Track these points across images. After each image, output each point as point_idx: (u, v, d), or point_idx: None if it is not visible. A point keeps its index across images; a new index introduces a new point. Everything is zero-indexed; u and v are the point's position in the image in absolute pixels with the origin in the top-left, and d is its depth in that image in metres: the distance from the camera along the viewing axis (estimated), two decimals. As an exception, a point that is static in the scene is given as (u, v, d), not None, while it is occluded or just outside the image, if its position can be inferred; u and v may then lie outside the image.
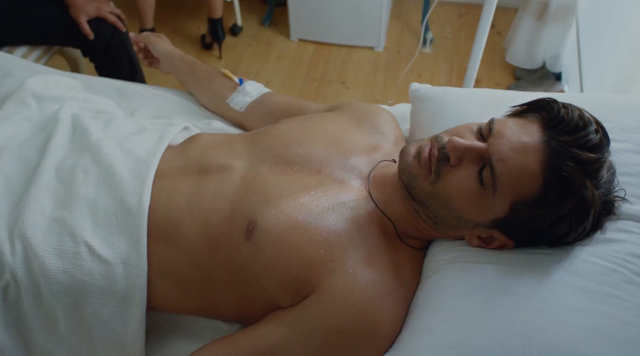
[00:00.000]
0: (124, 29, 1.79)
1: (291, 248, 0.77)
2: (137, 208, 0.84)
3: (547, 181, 0.71)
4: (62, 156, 0.91)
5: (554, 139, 0.72)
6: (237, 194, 0.85)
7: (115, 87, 1.28)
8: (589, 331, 0.67)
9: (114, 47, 1.79)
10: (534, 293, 0.71)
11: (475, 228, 0.79)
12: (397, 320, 0.77)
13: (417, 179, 0.79)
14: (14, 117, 0.97)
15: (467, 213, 0.77)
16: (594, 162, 0.71)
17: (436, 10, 2.79)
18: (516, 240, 0.78)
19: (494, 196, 0.73)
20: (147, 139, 0.95)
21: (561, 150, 0.71)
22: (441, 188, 0.77)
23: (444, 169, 0.77)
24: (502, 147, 0.73)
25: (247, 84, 1.20)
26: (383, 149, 0.95)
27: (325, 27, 2.58)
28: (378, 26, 2.53)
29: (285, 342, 0.76)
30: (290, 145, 0.90)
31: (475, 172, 0.75)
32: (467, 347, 0.68)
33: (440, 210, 0.79)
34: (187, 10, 2.77)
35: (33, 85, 1.02)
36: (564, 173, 0.70)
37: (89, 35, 1.70)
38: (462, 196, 0.75)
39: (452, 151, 0.76)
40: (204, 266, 0.83)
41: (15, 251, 0.80)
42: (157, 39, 1.31)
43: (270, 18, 2.72)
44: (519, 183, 0.72)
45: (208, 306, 0.86)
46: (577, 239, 0.76)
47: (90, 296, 0.82)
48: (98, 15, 1.71)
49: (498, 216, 0.75)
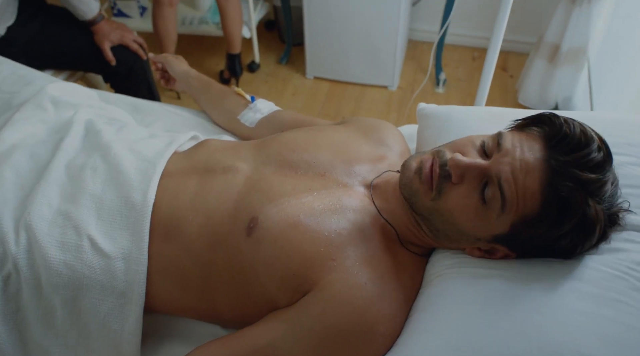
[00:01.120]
0: (145, 56, 1.86)
1: (291, 244, 0.77)
2: (142, 204, 0.85)
3: (546, 201, 0.70)
4: (72, 155, 0.94)
5: (554, 159, 0.71)
6: (241, 194, 0.86)
7: (131, 102, 1.32)
8: (592, 333, 0.65)
9: (135, 74, 1.86)
10: (537, 295, 0.70)
11: (476, 242, 0.78)
12: (396, 321, 0.76)
13: (418, 195, 0.79)
14: (31, 118, 1.00)
15: (469, 229, 0.76)
16: (595, 182, 0.70)
17: (450, 53, 2.85)
18: (519, 253, 0.77)
19: (499, 216, 0.73)
20: (157, 143, 0.97)
21: (561, 170, 0.70)
22: (442, 205, 0.76)
23: (446, 187, 0.76)
24: (507, 168, 0.72)
25: (259, 101, 1.22)
26: (388, 161, 0.95)
27: (341, 66, 2.64)
28: (392, 66, 2.59)
29: (282, 340, 0.75)
30: (296, 151, 0.92)
31: (478, 190, 0.74)
32: (466, 347, 0.67)
33: (442, 225, 0.78)
34: (208, 46, 2.86)
35: (51, 90, 1.06)
36: (563, 193, 0.69)
37: (112, 61, 1.78)
38: (463, 213, 0.75)
39: (454, 169, 0.75)
40: (205, 264, 0.83)
41: (19, 241, 0.82)
42: (175, 60, 1.35)
43: (287, 57, 2.80)
44: (520, 203, 0.71)
45: (207, 307, 0.85)
46: (584, 253, 0.75)
47: (89, 290, 0.82)
48: (121, 43, 1.79)
49: (499, 232, 0.75)
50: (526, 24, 2.68)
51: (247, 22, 2.55)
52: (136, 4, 2.59)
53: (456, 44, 2.90)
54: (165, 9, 2.20)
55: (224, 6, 2.30)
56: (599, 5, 2.03)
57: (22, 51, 1.67)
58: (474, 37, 2.85)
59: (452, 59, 2.86)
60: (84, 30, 1.74)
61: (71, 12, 1.71)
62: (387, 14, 2.38)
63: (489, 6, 2.63)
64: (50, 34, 1.73)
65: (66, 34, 1.75)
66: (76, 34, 1.75)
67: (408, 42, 2.91)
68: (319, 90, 2.67)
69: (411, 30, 2.89)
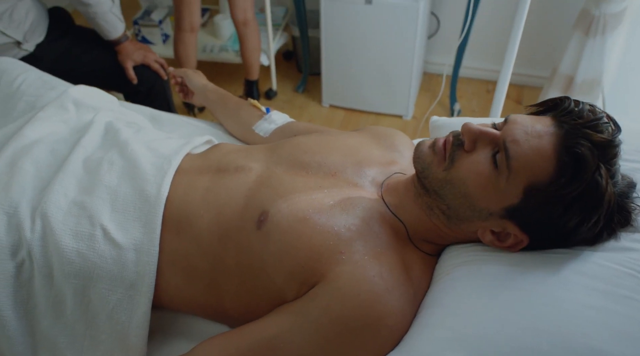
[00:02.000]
0: (166, 77, 1.92)
1: (300, 237, 0.78)
2: (155, 197, 0.87)
3: (561, 161, 0.70)
4: (91, 151, 0.96)
5: (566, 123, 0.73)
6: (252, 190, 0.87)
7: (150, 113, 1.36)
8: (602, 327, 0.64)
9: (155, 93, 1.91)
10: (546, 290, 0.69)
11: (488, 218, 0.77)
12: (404, 316, 0.75)
13: (431, 166, 0.79)
14: (53, 118, 1.04)
15: (481, 199, 0.76)
16: (608, 145, 0.71)
17: (464, 86, 2.89)
18: (529, 234, 0.76)
19: (508, 178, 0.72)
20: (172, 143, 1.00)
21: (574, 131, 0.71)
22: (455, 173, 0.77)
23: (458, 155, 0.77)
24: (516, 131, 0.74)
25: (273, 113, 1.25)
26: (399, 165, 0.96)
27: (356, 95, 2.69)
28: (407, 96, 2.62)
29: (289, 333, 0.74)
30: (307, 152, 0.93)
31: (489, 156, 0.75)
32: (473, 338, 0.66)
33: (454, 199, 0.78)
34: (227, 73, 2.94)
35: (74, 93, 1.10)
36: (578, 150, 0.70)
37: (133, 79, 1.83)
38: (476, 179, 0.75)
39: (467, 134, 0.77)
40: (214, 257, 0.83)
41: (34, 228, 0.83)
42: (194, 74, 1.40)
43: (304, 85, 2.86)
44: (533, 165, 0.71)
45: (214, 302, 0.85)
46: (590, 234, 0.74)
47: (100, 280, 0.83)
48: (143, 63, 1.85)
49: (512, 203, 0.74)
50: (540, 57, 2.72)
51: (266, 51, 2.62)
52: (159, 32, 2.68)
53: (471, 76, 2.93)
54: (187, 35, 2.28)
55: (244, 34, 2.37)
56: (613, 37, 2.06)
57: (49, 68, 1.72)
58: (489, 70, 2.88)
59: (467, 92, 2.89)
60: (108, 49, 1.81)
61: (97, 31, 1.78)
62: (403, 46, 2.42)
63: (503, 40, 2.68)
64: (77, 53, 1.80)
65: (91, 53, 1.82)
66: (101, 53, 1.82)
67: (423, 75, 2.96)
68: (335, 118, 2.70)
69: (426, 63, 2.94)
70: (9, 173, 0.90)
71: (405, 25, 2.33)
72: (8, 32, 1.61)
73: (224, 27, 2.67)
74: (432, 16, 2.72)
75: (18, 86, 1.16)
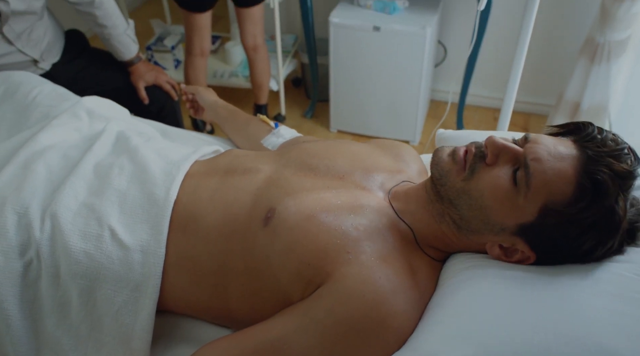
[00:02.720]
0: (176, 98, 1.95)
1: (307, 235, 0.78)
2: (164, 200, 0.87)
3: (581, 185, 0.70)
4: (102, 157, 0.98)
5: (590, 149, 0.73)
6: (260, 189, 0.88)
7: (160, 127, 1.38)
8: (612, 326, 0.63)
9: (165, 113, 1.94)
10: (553, 291, 0.69)
11: (500, 233, 0.77)
12: (409, 318, 0.74)
13: (449, 175, 0.79)
14: (66, 125, 1.06)
15: (496, 214, 0.75)
16: (628, 176, 0.71)
17: (471, 113, 2.91)
18: (538, 253, 0.76)
19: (526, 196, 0.72)
20: (182, 150, 1.02)
21: (597, 157, 0.72)
22: (474, 185, 0.77)
23: (479, 167, 0.77)
24: (538, 150, 0.74)
25: (282, 128, 1.27)
26: (406, 174, 0.97)
27: (364, 121, 2.71)
28: (414, 123, 2.65)
29: (293, 334, 0.74)
30: (316, 156, 0.94)
31: (510, 172, 0.75)
32: (479, 334, 0.65)
33: (469, 210, 0.77)
34: (237, 98, 2.98)
35: (87, 102, 1.13)
36: (599, 177, 0.70)
37: (144, 99, 1.87)
38: (494, 194, 0.75)
39: (491, 147, 0.77)
40: (220, 256, 0.83)
41: (44, 228, 0.84)
42: (205, 90, 1.43)
43: (312, 111, 2.90)
44: (552, 185, 0.71)
45: (219, 304, 0.85)
46: (604, 257, 0.74)
47: (106, 281, 0.83)
48: (155, 83, 1.89)
49: (526, 220, 0.74)
50: (546, 85, 2.74)
51: (275, 76, 2.66)
52: (171, 57, 2.74)
53: (478, 104, 2.96)
54: (197, 59, 2.33)
55: (254, 59, 2.42)
56: (619, 64, 2.08)
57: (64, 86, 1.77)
58: (495, 98, 2.91)
59: (474, 119, 2.91)
60: (121, 70, 1.85)
61: (112, 52, 1.83)
62: (410, 73, 2.46)
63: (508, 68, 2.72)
64: (91, 73, 1.84)
65: (105, 73, 1.86)
66: (114, 74, 1.86)
67: (430, 102, 2.99)
68: (342, 143, 2.73)
69: (433, 90, 2.97)
70: (22, 175, 0.92)
71: (412, 52, 2.37)
72: (26, 51, 1.65)
73: (234, 54, 2.73)
74: (439, 45, 2.76)
75: (34, 97, 1.19)
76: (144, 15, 3.56)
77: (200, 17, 2.20)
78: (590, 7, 2.31)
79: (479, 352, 0.64)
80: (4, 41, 1.59)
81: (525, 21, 1.60)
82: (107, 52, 1.87)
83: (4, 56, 1.62)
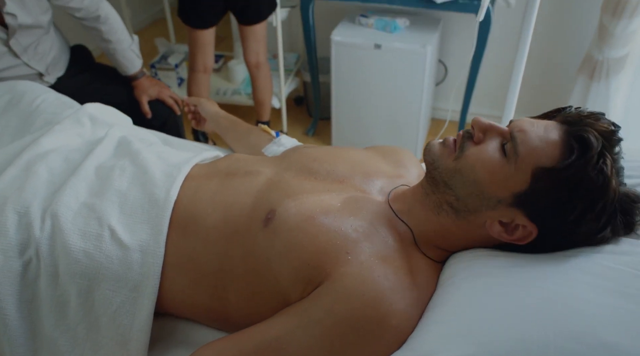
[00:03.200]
0: (179, 112, 1.97)
1: (307, 235, 0.78)
2: (164, 200, 0.88)
3: (567, 145, 0.73)
4: (103, 160, 0.99)
5: (570, 117, 0.77)
6: (261, 192, 0.88)
7: (163, 137, 1.39)
8: (612, 322, 0.62)
9: (168, 127, 1.96)
10: (552, 288, 0.68)
11: (497, 207, 0.76)
12: (409, 318, 0.73)
13: (441, 158, 0.81)
14: (69, 130, 1.07)
15: (490, 185, 0.76)
16: (611, 134, 0.74)
17: (472, 132, 2.93)
18: (538, 223, 0.75)
19: (516, 163, 0.74)
20: (183, 154, 1.02)
21: (578, 121, 0.75)
22: (464, 162, 0.78)
23: (468, 145, 0.80)
24: (523, 123, 0.78)
25: (283, 137, 1.28)
26: (406, 179, 0.97)
27: (365, 139, 2.73)
28: (415, 141, 2.66)
29: (292, 334, 0.73)
30: (316, 160, 0.95)
31: (499, 144, 0.77)
32: (479, 333, 0.64)
33: (463, 188, 0.78)
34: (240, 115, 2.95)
35: (90, 109, 1.14)
36: (583, 135, 0.72)
37: (147, 114, 1.89)
38: (484, 166, 0.77)
39: (477, 126, 0.80)
40: (220, 257, 0.83)
41: (44, 227, 0.85)
42: (206, 101, 1.44)
43: (314, 129, 2.91)
44: (540, 150, 0.73)
45: (217, 305, 0.84)
46: (594, 227, 0.73)
47: (104, 281, 0.83)
48: (158, 98, 1.91)
49: (520, 189, 0.74)
50: (547, 103, 2.76)
51: (277, 94, 2.69)
52: (175, 75, 2.78)
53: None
54: (200, 75, 2.36)
55: (256, 75, 2.45)
56: (617, 80, 2.10)
57: (67, 99, 1.80)
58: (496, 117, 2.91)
59: (475, 137, 2.92)
60: (125, 85, 1.88)
61: (116, 67, 1.85)
62: (411, 91, 2.48)
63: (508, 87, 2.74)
64: (94, 87, 1.87)
65: (109, 88, 1.89)
66: (118, 88, 1.88)
67: (431, 121, 3.01)
68: (343, 160, 2.73)
69: (434, 109, 3.00)
70: (24, 177, 0.92)
71: (413, 69, 2.40)
72: (31, 64, 1.68)
73: (237, 72, 2.77)
74: (439, 64, 2.79)
75: (37, 105, 1.20)
76: (149, 36, 3.62)
77: (204, 34, 2.24)
78: (589, 25, 2.34)
79: (479, 351, 0.63)
80: (10, 54, 1.62)
81: (522, 40, 1.62)
82: (112, 68, 1.90)
83: (9, 69, 1.64)
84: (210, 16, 2.20)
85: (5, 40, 1.58)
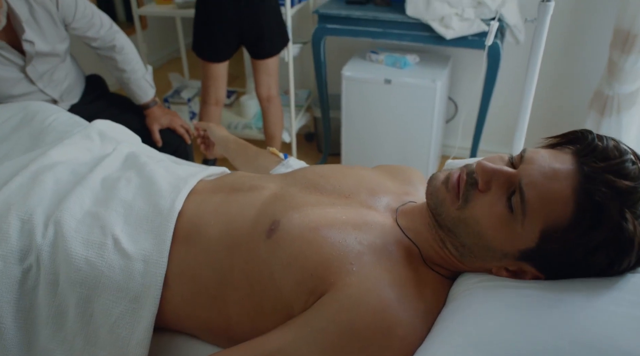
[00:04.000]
0: (190, 141, 1.99)
1: (310, 245, 0.76)
2: (169, 210, 0.87)
3: (579, 206, 0.66)
4: (110, 171, 0.99)
5: (587, 165, 0.68)
6: (265, 204, 0.87)
7: (171, 158, 1.40)
8: (631, 332, 0.59)
9: (178, 155, 1.96)
10: (570, 299, 0.65)
11: (503, 259, 0.74)
12: (415, 330, 0.70)
13: (444, 204, 0.77)
14: (78, 145, 1.08)
15: (495, 241, 0.73)
16: (631, 191, 0.67)
17: (483, 169, 2.91)
18: (547, 274, 0.72)
19: (523, 223, 0.69)
20: (190, 168, 1.02)
21: (594, 175, 0.67)
22: (469, 213, 0.74)
23: (472, 194, 0.74)
24: (532, 172, 0.70)
25: (291, 159, 1.28)
26: (413, 197, 0.96)
27: (375, 174, 2.72)
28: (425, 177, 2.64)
29: (293, 345, 0.70)
30: (322, 176, 0.94)
31: (504, 198, 0.72)
32: (491, 343, 0.61)
33: (468, 238, 0.75)
34: (250, 148, 3.03)
35: (100, 125, 1.15)
36: (597, 198, 0.66)
37: (158, 142, 1.90)
38: (490, 222, 0.72)
39: (481, 174, 0.73)
40: (222, 268, 0.81)
41: (46, 234, 0.84)
42: (216, 126, 1.45)
43: (324, 163, 2.92)
44: (550, 209, 0.68)
45: (218, 317, 0.82)
46: (622, 273, 0.70)
47: (105, 290, 0.81)
48: (169, 126, 1.93)
49: (528, 246, 0.70)
50: (558, 141, 2.75)
51: (288, 129, 2.71)
52: (187, 109, 2.82)
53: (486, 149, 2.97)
54: (212, 108, 2.39)
55: (267, 109, 2.48)
56: (629, 115, 2.09)
57: (79, 126, 1.82)
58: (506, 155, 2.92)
59: (485, 174, 2.91)
60: (137, 113, 1.90)
61: (129, 95, 1.89)
62: (421, 126, 2.49)
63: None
64: (107, 115, 1.88)
65: (121, 116, 1.91)
66: (130, 116, 1.91)
67: (441, 158, 3.00)
68: (353, 195, 2.72)
69: (444, 146, 2.99)
70: (30, 185, 0.92)
71: (423, 105, 2.41)
72: (47, 91, 1.71)
73: (249, 107, 2.80)
74: (449, 101, 2.81)
75: (50, 123, 1.22)
76: (164, 73, 3.70)
77: (217, 67, 2.28)
78: (598, 61, 2.36)
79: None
80: (26, 80, 1.65)
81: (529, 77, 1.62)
82: (124, 97, 1.93)
83: (25, 95, 1.67)
84: (224, 50, 2.25)
85: (22, 66, 1.62)
